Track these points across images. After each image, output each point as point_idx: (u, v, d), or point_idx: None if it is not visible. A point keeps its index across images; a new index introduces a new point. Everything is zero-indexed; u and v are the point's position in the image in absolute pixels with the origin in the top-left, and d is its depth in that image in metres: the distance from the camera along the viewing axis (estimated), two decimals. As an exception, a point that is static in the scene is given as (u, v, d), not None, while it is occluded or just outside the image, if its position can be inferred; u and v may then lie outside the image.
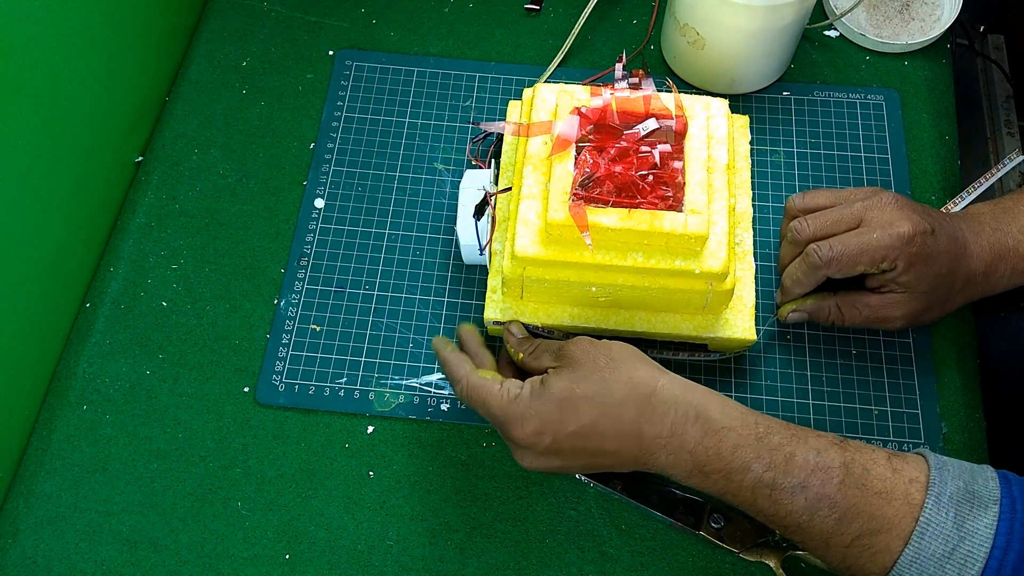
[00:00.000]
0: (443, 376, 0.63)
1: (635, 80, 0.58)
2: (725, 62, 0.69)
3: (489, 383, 0.52)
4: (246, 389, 0.63)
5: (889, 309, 0.58)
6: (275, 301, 0.66)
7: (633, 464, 0.51)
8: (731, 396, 0.61)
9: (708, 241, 0.54)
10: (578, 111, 0.56)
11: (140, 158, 0.72)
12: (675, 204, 0.53)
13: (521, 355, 0.56)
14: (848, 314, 0.59)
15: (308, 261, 0.67)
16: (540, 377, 0.52)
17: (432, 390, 0.62)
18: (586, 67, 0.75)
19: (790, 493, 0.47)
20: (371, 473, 0.60)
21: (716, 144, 0.57)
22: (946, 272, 0.56)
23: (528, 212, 0.55)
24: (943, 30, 0.74)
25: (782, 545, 0.56)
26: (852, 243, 0.55)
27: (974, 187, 0.64)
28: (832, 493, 0.46)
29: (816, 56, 0.75)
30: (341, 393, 0.62)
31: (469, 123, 0.72)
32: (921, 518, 0.45)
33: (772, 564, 0.56)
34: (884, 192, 0.57)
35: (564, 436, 0.49)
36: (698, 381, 0.61)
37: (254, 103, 0.74)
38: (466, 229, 0.62)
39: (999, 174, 0.63)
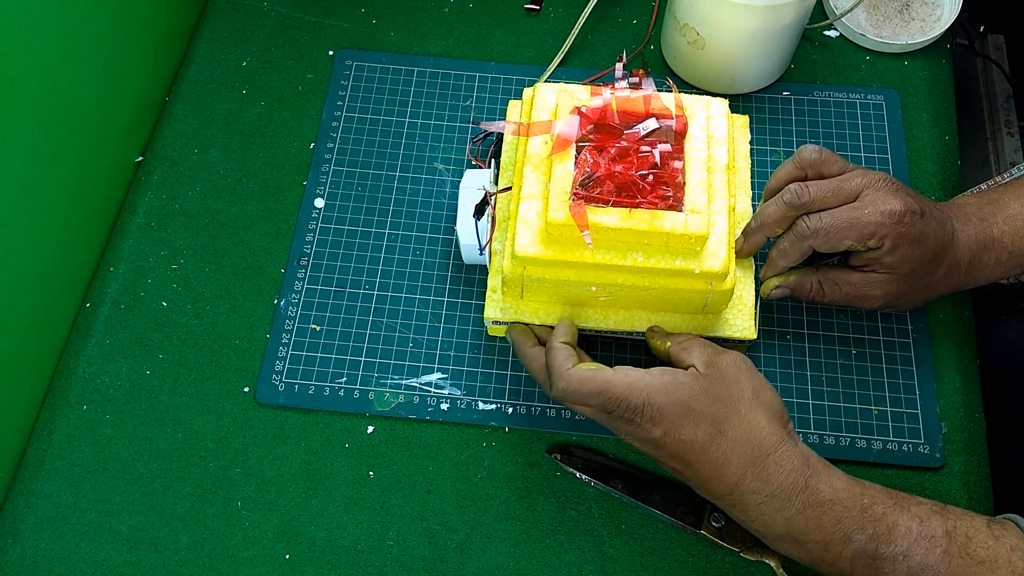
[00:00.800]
0: (443, 376, 0.63)
1: (635, 80, 0.58)
2: (725, 62, 0.69)
3: (601, 371, 0.51)
4: (246, 389, 0.63)
5: (870, 288, 0.58)
6: (275, 301, 0.66)
7: (713, 498, 0.51)
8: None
9: (708, 241, 0.54)
10: (578, 111, 0.56)
11: (140, 158, 0.72)
12: (675, 204, 0.53)
13: (669, 344, 0.55)
14: (829, 290, 0.59)
15: (308, 261, 0.67)
16: (672, 369, 0.51)
17: (432, 390, 0.62)
18: (586, 67, 0.75)
19: (892, 562, 0.46)
20: (371, 473, 0.60)
21: (716, 144, 0.57)
22: (931, 257, 0.56)
23: (528, 212, 0.55)
24: (943, 30, 0.74)
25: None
26: (842, 216, 0.55)
27: (972, 192, 0.64)
28: (936, 562, 0.46)
29: (816, 56, 0.75)
30: (341, 393, 0.62)
31: (469, 123, 0.72)
32: None
33: (773, 564, 0.56)
34: (883, 174, 0.57)
35: (672, 439, 0.49)
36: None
37: (254, 103, 0.74)
38: (466, 229, 0.62)
39: (1003, 184, 0.63)
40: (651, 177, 0.54)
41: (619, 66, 0.59)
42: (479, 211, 0.62)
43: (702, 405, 0.49)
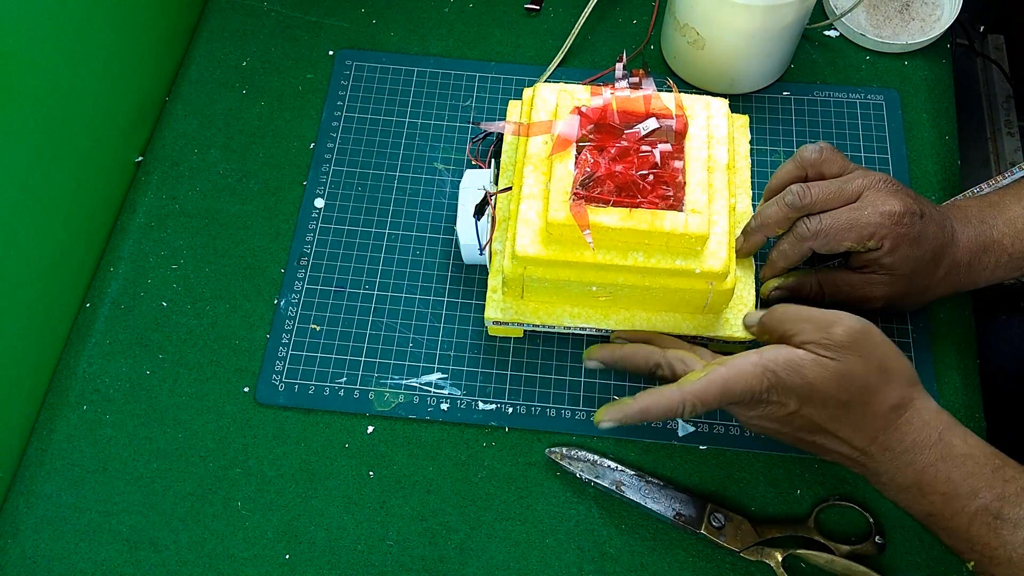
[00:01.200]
0: (443, 376, 0.63)
1: (635, 80, 0.58)
2: (724, 62, 0.69)
3: (713, 372, 0.50)
4: (246, 389, 0.63)
5: (870, 289, 0.58)
6: (275, 301, 0.66)
7: (845, 459, 0.51)
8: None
9: (708, 241, 0.54)
10: (578, 111, 0.56)
11: (140, 158, 0.72)
12: (676, 204, 0.54)
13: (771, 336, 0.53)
14: (829, 291, 0.59)
15: (308, 261, 0.67)
16: (785, 347, 0.50)
17: (432, 390, 0.62)
18: (586, 67, 0.75)
19: (1014, 526, 0.47)
20: (371, 473, 0.60)
21: (716, 144, 0.57)
22: (930, 258, 0.56)
23: (529, 212, 0.55)
24: (943, 30, 0.74)
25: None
26: (842, 218, 0.55)
27: (973, 192, 0.64)
28: None
29: (816, 56, 0.75)
30: (341, 393, 0.62)
31: (469, 123, 0.72)
32: None
33: (772, 564, 0.56)
34: (884, 175, 0.57)
35: (806, 410, 0.49)
36: (698, 381, 0.62)
37: (254, 103, 0.74)
38: (466, 229, 0.62)
39: (1003, 183, 0.63)
40: (651, 177, 0.54)
41: (619, 66, 0.59)
42: (479, 211, 0.62)
43: (828, 385, 0.49)
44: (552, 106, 0.58)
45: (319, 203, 0.69)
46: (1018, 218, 0.58)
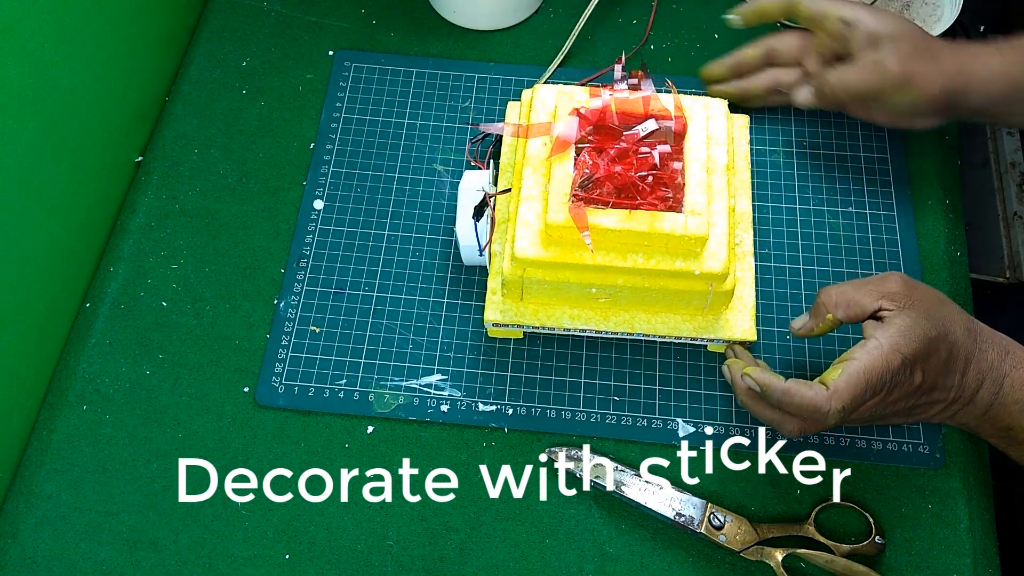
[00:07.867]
0: (443, 377, 0.63)
1: (634, 81, 0.58)
2: None
3: (848, 365, 0.49)
4: (246, 389, 0.63)
5: None
6: (275, 301, 0.66)
7: (950, 407, 0.53)
8: (730, 396, 0.61)
9: (708, 242, 0.54)
10: (577, 112, 0.56)
11: (140, 158, 0.73)
12: (675, 205, 0.54)
13: (834, 314, 0.53)
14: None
15: (307, 262, 0.67)
16: (873, 323, 0.51)
17: (432, 391, 0.62)
18: (586, 67, 0.75)
19: None
20: (370, 474, 0.60)
21: (715, 145, 0.57)
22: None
23: (528, 213, 0.55)
24: (943, 30, 0.74)
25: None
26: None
27: None
28: None
29: (816, 56, 0.75)
30: (341, 394, 0.62)
31: (468, 124, 0.72)
32: None
33: (772, 564, 0.56)
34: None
35: (927, 366, 0.50)
36: (698, 382, 0.62)
37: (254, 103, 0.74)
38: (465, 230, 0.62)
39: None
40: (650, 178, 0.54)
41: (618, 68, 0.59)
42: (478, 212, 0.62)
43: (932, 331, 0.50)
44: (551, 107, 0.58)
45: (318, 204, 0.69)
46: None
